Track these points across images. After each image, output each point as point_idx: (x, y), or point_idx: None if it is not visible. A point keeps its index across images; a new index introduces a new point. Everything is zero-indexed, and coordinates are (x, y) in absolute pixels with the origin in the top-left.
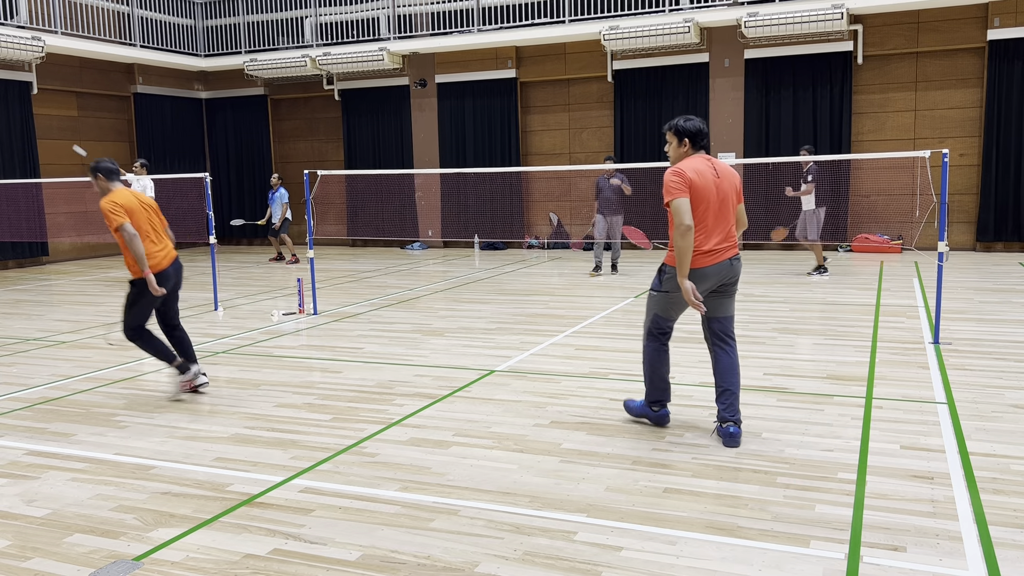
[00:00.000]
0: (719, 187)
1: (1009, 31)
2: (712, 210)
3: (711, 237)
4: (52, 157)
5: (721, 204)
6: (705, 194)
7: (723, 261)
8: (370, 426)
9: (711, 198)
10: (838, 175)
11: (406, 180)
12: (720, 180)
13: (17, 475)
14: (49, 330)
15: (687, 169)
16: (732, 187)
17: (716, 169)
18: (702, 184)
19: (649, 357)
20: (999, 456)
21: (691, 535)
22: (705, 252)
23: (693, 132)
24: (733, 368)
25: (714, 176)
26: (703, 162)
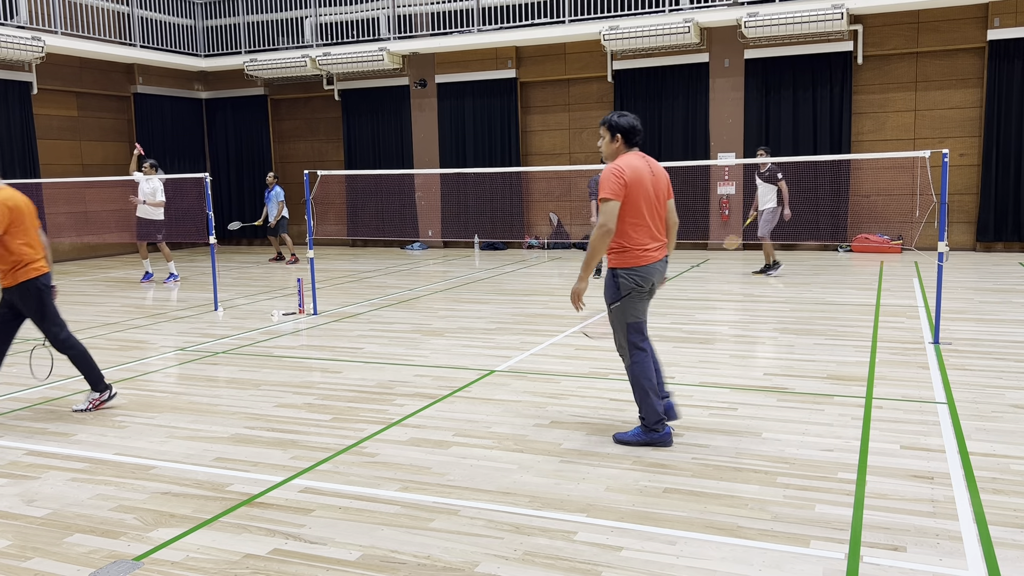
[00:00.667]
0: (654, 185)
1: (1009, 31)
2: (650, 207)
3: (651, 233)
4: (52, 157)
5: (656, 201)
6: (643, 192)
7: (664, 258)
8: (370, 426)
9: (649, 196)
10: (838, 175)
11: (406, 180)
12: (655, 178)
13: (17, 475)
14: None
15: (627, 167)
16: (665, 185)
17: (651, 167)
18: (639, 182)
19: (643, 371)
20: (999, 456)
21: (691, 535)
22: (649, 248)
23: (627, 128)
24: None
25: (650, 174)
26: (639, 159)
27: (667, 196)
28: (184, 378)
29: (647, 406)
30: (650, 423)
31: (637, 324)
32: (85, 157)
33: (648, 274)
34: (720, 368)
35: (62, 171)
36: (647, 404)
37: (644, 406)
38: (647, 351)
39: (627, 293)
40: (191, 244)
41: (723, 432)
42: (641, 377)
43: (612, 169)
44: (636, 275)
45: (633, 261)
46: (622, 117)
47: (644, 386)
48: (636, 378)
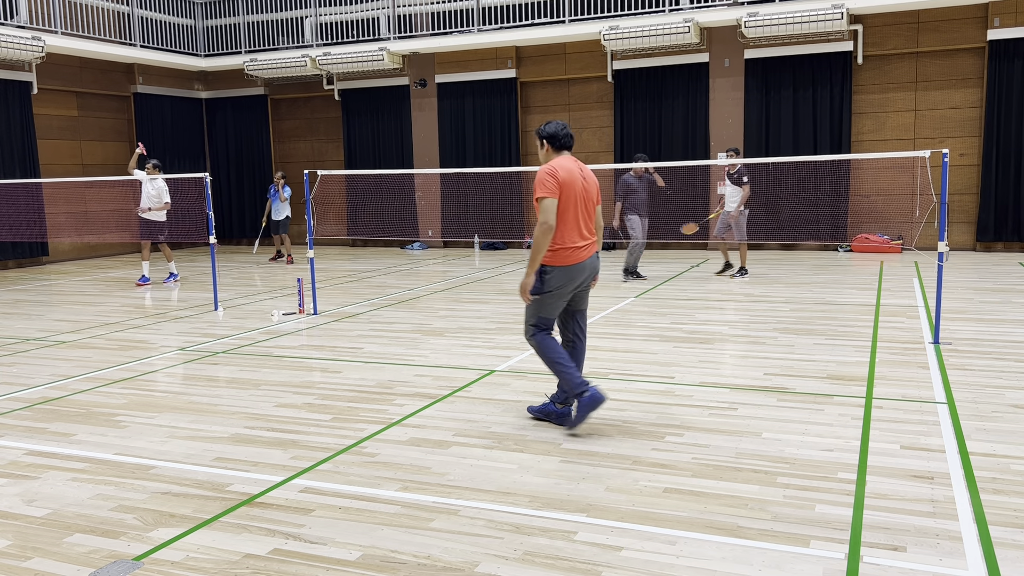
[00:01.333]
0: (584, 187)
1: (1009, 31)
2: (580, 208)
3: (580, 233)
4: (52, 157)
5: (586, 203)
6: (573, 193)
7: (593, 256)
8: (370, 426)
9: (579, 197)
10: (838, 175)
11: (406, 180)
12: (585, 181)
13: (17, 475)
14: (49, 330)
15: (559, 169)
16: (595, 189)
17: (582, 171)
18: (571, 183)
19: (550, 350)
20: (999, 456)
21: (691, 535)
22: (577, 248)
23: (551, 134)
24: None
25: (580, 176)
26: (571, 162)
27: (596, 201)
28: (184, 378)
29: (565, 376)
30: (575, 391)
31: (547, 320)
32: (85, 157)
33: (574, 273)
34: (720, 368)
35: (62, 171)
36: (564, 374)
37: (562, 376)
38: (549, 334)
39: (550, 290)
40: (191, 244)
41: (723, 432)
42: (547, 351)
43: (546, 169)
44: (563, 273)
45: (562, 260)
46: (548, 124)
47: (552, 358)
48: (543, 353)
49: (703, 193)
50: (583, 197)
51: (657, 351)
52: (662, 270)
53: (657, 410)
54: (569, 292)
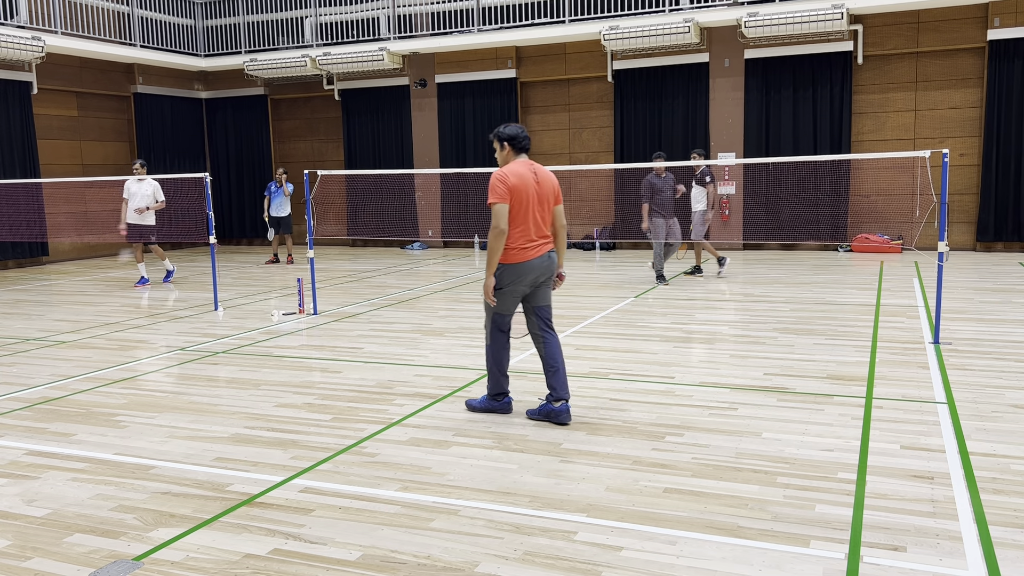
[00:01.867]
0: (538, 190)
1: (1009, 31)
2: (532, 210)
3: (531, 234)
4: (52, 157)
5: (539, 204)
6: (525, 196)
7: (543, 255)
8: (370, 426)
9: (531, 199)
10: (838, 175)
11: (406, 180)
12: (539, 183)
13: (17, 475)
14: (49, 330)
15: (510, 174)
16: (551, 190)
17: (536, 173)
18: (522, 187)
19: (495, 354)
20: (999, 456)
21: (691, 535)
22: (528, 247)
23: (510, 136)
24: (558, 348)
25: (534, 179)
26: (524, 166)
27: (555, 202)
28: (184, 378)
29: (492, 380)
30: (491, 394)
31: (502, 316)
32: (85, 157)
33: (525, 271)
34: (720, 368)
35: (62, 171)
36: (492, 378)
37: (490, 379)
38: (506, 337)
39: (501, 287)
40: (191, 244)
41: (723, 432)
42: (492, 358)
43: (497, 175)
44: (513, 271)
45: (511, 258)
46: (506, 127)
47: (491, 364)
48: (488, 353)
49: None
50: (536, 199)
51: (657, 351)
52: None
53: (657, 410)
54: (521, 290)
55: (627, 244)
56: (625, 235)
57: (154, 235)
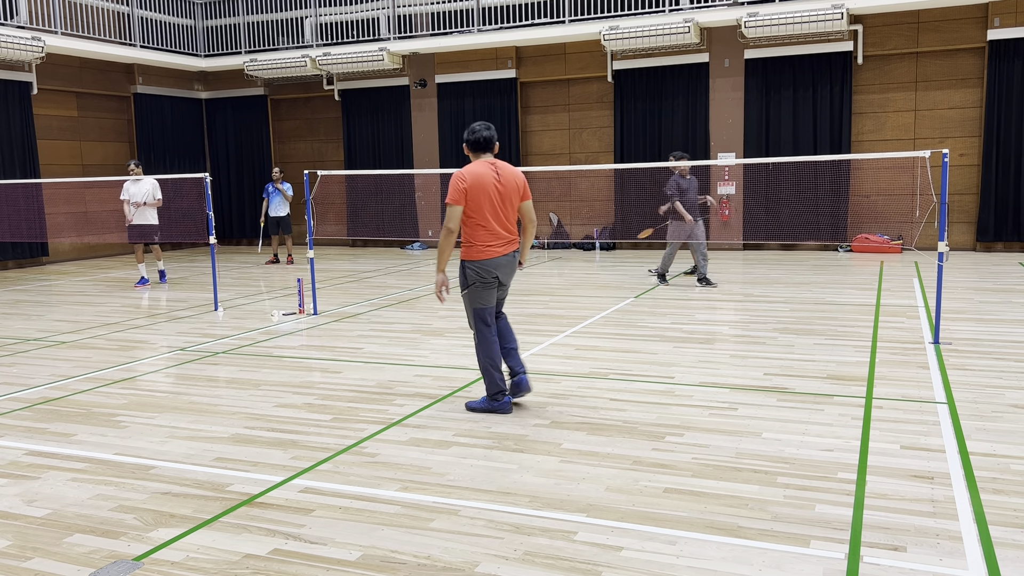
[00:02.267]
0: (500, 188)
1: (1009, 31)
2: (495, 208)
3: (496, 231)
4: (52, 157)
5: (503, 202)
6: (485, 195)
7: (509, 254)
8: (370, 426)
9: (492, 198)
10: (838, 175)
11: (406, 180)
12: (501, 182)
13: (17, 475)
14: (49, 330)
15: (467, 174)
16: (514, 188)
17: (498, 172)
18: (480, 187)
19: (485, 349)
20: (999, 456)
21: (691, 535)
22: (493, 244)
23: (470, 140)
24: (510, 329)
25: (494, 178)
26: (484, 166)
27: (521, 198)
28: (184, 378)
29: (488, 379)
30: (490, 394)
31: (483, 309)
32: (85, 157)
33: (490, 267)
34: (720, 368)
35: (62, 171)
36: (488, 377)
37: (486, 379)
38: (492, 331)
39: (472, 283)
40: (191, 244)
41: (723, 432)
42: (483, 354)
43: (455, 176)
44: (479, 267)
45: (476, 255)
46: (470, 133)
47: (484, 363)
48: (479, 354)
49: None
50: (498, 198)
51: (657, 351)
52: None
53: (657, 410)
54: (494, 283)
55: (627, 244)
56: (625, 235)
57: (157, 235)
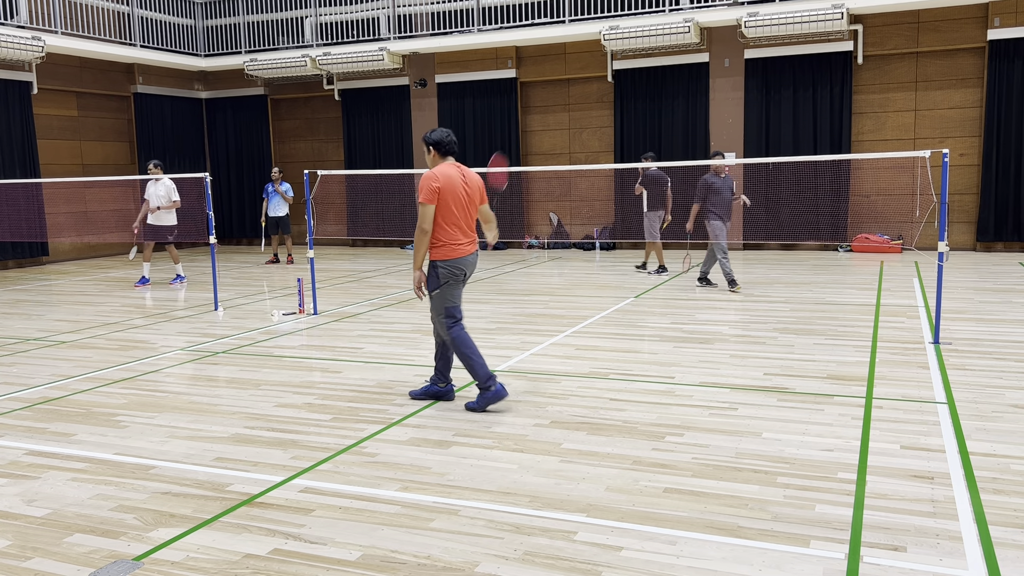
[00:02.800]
0: (467, 191)
1: (1009, 31)
2: (462, 209)
3: (462, 231)
4: (52, 157)
5: (468, 204)
6: (455, 196)
7: (474, 252)
8: (370, 426)
9: (460, 199)
10: (838, 175)
11: (406, 180)
12: (467, 185)
13: (17, 475)
14: (49, 330)
15: (439, 175)
16: (477, 191)
17: (464, 175)
18: (451, 188)
19: (461, 342)
20: (999, 456)
21: (691, 535)
22: (461, 243)
23: (435, 141)
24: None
25: (462, 181)
26: (452, 168)
27: (481, 201)
28: (184, 378)
29: (474, 369)
30: (482, 383)
31: (452, 307)
32: (85, 157)
33: (462, 265)
34: (720, 368)
35: (62, 171)
36: (473, 367)
37: (472, 370)
38: (461, 325)
39: (445, 282)
40: (191, 244)
41: (723, 432)
42: (462, 346)
43: (428, 176)
44: (452, 266)
45: (448, 254)
46: (433, 132)
47: (466, 353)
48: (458, 348)
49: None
50: (464, 200)
51: (657, 351)
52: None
53: (657, 410)
54: (462, 281)
55: (627, 244)
56: (625, 235)
57: (171, 235)
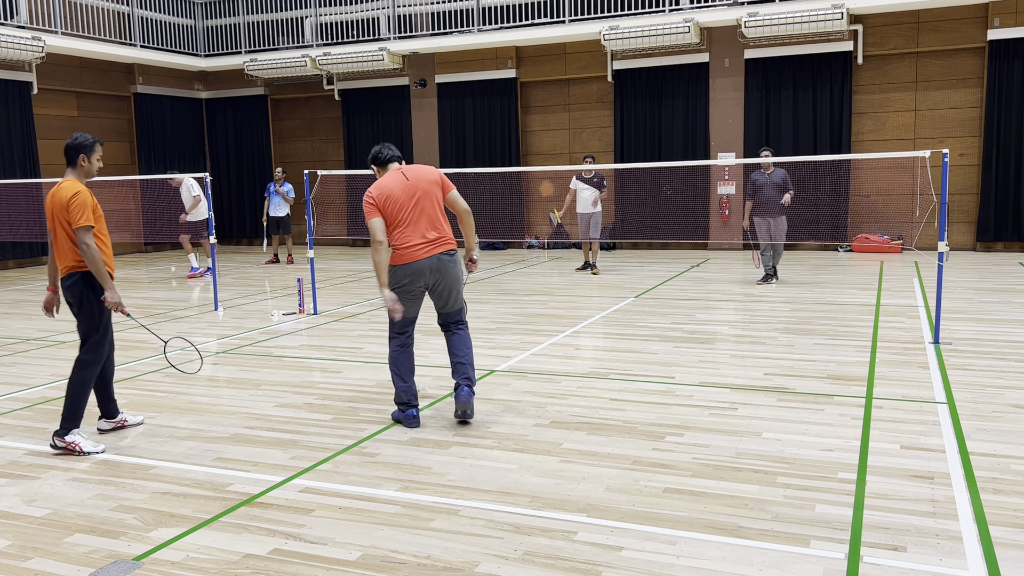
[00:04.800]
0: (410, 190)
1: (1009, 31)
2: (405, 212)
3: (415, 235)
4: (52, 157)
5: (415, 205)
6: (395, 201)
7: (433, 256)
8: (370, 426)
9: (402, 203)
10: (838, 175)
11: None
12: (410, 184)
13: (17, 475)
14: (49, 330)
15: (374, 189)
16: (429, 184)
17: (405, 175)
18: (386, 195)
19: (391, 357)
20: (999, 456)
21: (691, 535)
22: (413, 246)
23: (372, 157)
24: (467, 343)
25: (403, 182)
26: (391, 175)
27: (442, 192)
28: (184, 378)
29: (397, 390)
30: (396, 402)
31: (400, 322)
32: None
33: (409, 271)
34: (720, 368)
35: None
36: (397, 388)
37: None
38: (401, 342)
39: (395, 287)
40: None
41: (723, 432)
42: (392, 363)
43: (364, 197)
44: (398, 271)
45: (396, 260)
46: (375, 154)
47: (394, 370)
48: (391, 362)
49: (703, 193)
50: (411, 200)
51: (657, 351)
52: (662, 270)
53: (657, 410)
54: (417, 290)
55: (627, 244)
56: (625, 235)
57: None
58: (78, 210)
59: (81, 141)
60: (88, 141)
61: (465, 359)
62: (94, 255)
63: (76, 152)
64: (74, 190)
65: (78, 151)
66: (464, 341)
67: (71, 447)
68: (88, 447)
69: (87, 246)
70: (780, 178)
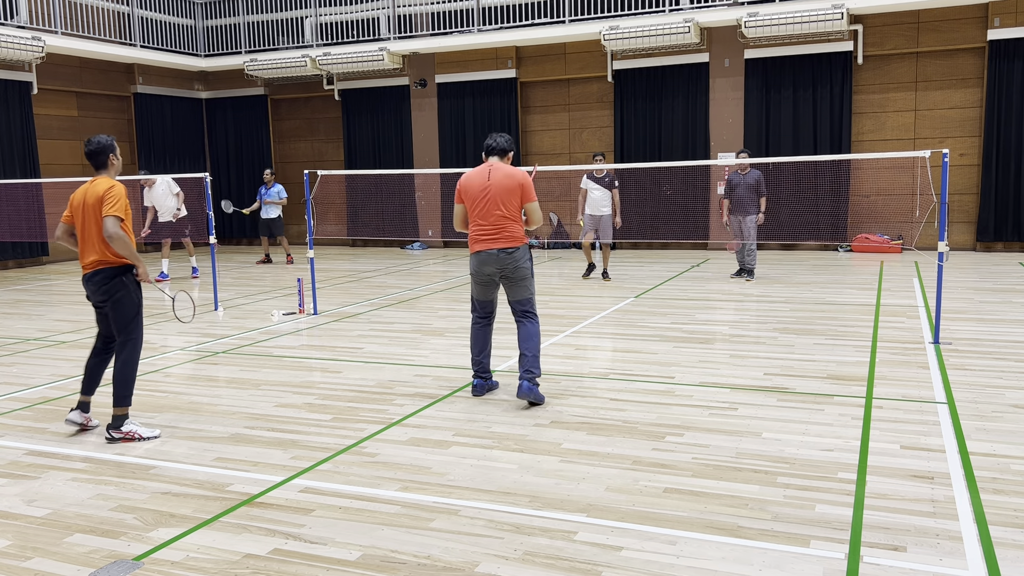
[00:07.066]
0: (484, 187)
1: (1009, 31)
2: (477, 207)
3: (482, 227)
4: (52, 157)
5: (486, 201)
6: (469, 194)
7: (492, 250)
8: (370, 426)
9: (474, 196)
10: (838, 175)
11: (406, 180)
12: (489, 183)
13: (17, 475)
14: (49, 330)
15: (464, 178)
16: (504, 189)
17: (491, 174)
18: (465, 188)
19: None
20: (999, 456)
21: (691, 535)
22: (478, 240)
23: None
24: (530, 336)
25: (486, 180)
26: (482, 168)
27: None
28: (184, 378)
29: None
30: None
31: (473, 301)
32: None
33: (477, 261)
34: (720, 368)
35: (62, 171)
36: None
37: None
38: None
39: (470, 272)
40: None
41: (723, 432)
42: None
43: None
44: (471, 259)
45: (470, 247)
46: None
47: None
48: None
49: (703, 193)
50: (488, 198)
51: (657, 351)
52: (662, 270)
53: (657, 410)
54: (484, 277)
55: (627, 244)
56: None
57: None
58: (113, 199)
59: (106, 143)
60: (111, 140)
61: (527, 351)
62: (123, 237)
63: (105, 153)
64: (112, 183)
65: (107, 151)
66: (527, 332)
67: (130, 435)
68: (146, 433)
69: (116, 231)
70: (753, 179)
